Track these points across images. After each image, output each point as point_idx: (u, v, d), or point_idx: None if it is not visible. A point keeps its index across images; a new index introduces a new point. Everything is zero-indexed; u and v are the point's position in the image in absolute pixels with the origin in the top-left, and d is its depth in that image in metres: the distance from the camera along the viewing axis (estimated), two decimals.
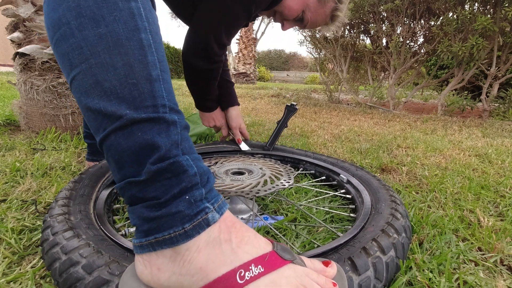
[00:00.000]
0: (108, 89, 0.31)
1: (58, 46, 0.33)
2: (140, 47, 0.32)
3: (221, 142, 1.06)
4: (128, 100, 0.31)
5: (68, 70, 0.33)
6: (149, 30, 0.33)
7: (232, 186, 0.59)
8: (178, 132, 0.33)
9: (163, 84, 0.33)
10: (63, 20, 0.31)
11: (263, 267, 0.31)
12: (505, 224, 0.62)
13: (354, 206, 0.68)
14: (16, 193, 0.70)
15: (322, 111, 2.74)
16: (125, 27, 0.31)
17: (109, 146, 0.32)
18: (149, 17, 0.34)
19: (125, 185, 0.32)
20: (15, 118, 1.44)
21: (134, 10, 0.32)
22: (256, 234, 0.35)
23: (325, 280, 0.34)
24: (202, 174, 0.33)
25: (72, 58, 0.32)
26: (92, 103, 0.31)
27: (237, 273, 0.30)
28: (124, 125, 0.31)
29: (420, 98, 4.79)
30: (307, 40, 3.94)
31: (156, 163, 0.31)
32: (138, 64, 0.32)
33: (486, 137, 1.69)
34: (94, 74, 0.31)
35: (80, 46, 0.31)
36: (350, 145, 1.36)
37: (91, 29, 0.31)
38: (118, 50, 0.31)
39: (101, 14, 0.31)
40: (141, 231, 0.32)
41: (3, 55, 8.99)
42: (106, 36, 0.31)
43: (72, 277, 0.36)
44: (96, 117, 0.32)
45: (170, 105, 0.33)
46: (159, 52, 0.34)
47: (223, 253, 0.31)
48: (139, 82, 0.31)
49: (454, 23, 2.38)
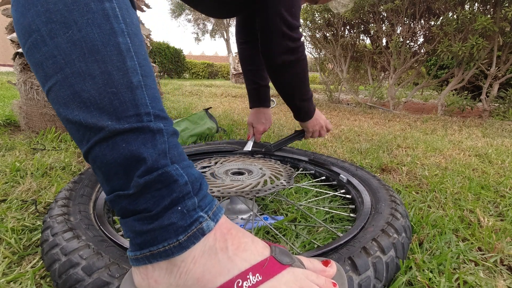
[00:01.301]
0: (87, 99, 0.29)
1: (31, 55, 0.30)
2: (118, 52, 0.30)
3: (221, 142, 1.06)
4: (109, 110, 0.29)
5: (43, 81, 0.31)
6: (127, 33, 0.31)
7: (232, 186, 0.59)
8: (165, 140, 0.31)
9: (146, 90, 0.31)
10: (32, 26, 0.29)
11: (261, 275, 0.31)
12: (505, 224, 0.62)
13: (354, 206, 0.68)
14: (16, 193, 0.70)
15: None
16: (100, 31, 0.29)
17: (95, 158, 0.30)
18: (126, 18, 0.31)
19: (114, 197, 0.31)
20: (15, 118, 1.45)
21: (109, 11, 0.30)
22: (254, 239, 0.34)
23: (324, 280, 0.34)
24: (193, 181, 0.32)
25: (46, 68, 0.30)
26: (72, 115, 0.29)
27: (235, 283, 0.29)
28: (107, 136, 0.29)
29: (420, 98, 4.79)
30: (307, 40, 3.94)
31: (143, 176, 0.29)
32: (116, 71, 0.30)
33: (486, 137, 1.69)
34: (71, 84, 0.29)
35: (54, 54, 0.29)
36: (350, 145, 1.36)
37: (63, 35, 0.28)
38: (94, 57, 0.29)
39: (73, 18, 0.28)
40: (135, 244, 0.31)
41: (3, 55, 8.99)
42: (80, 42, 0.29)
43: (71, 279, 0.36)
44: (77, 129, 0.30)
45: (155, 112, 0.31)
46: (139, 55, 0.32)
47: (219, 262, 0.31)
48: (119, 90, 0.29)
49: (454, 23, 2.38)
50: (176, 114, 2.10)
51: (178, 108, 2.40)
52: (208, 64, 15.52)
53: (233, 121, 1.91)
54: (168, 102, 2.82)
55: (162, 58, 10.31)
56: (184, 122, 1.32)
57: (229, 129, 1.60)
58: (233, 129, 1.62)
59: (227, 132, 1.54)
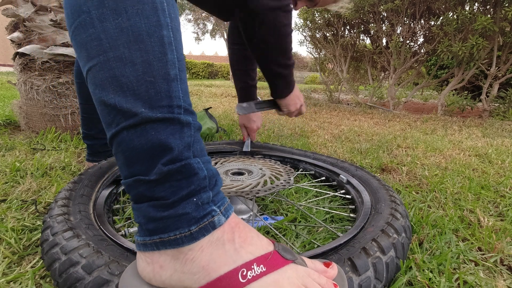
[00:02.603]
0: (125, 84, 0.30)
1: (77, 34, 0.32)
2: (161, 44, 0.31)
3: (221, 142, 1.06)
4: (144, 98, 0.30)
5: (84, 61, 0.32)
6: (171, 27, 0.32)
7: (232, 187, 0.59)
8: (192, 134, 0.33)
9: (180, 84, 0.33)
10: (83, 8, 0.30)
11: (265, 266, 0.31)
12: (505, 224, 0.62)
13: (354, 206, 0.68)
14: (16, 193, 0.70)
15: (322, 111, 2.74)
16: (147, 22, 0.30)
17: (120, 142, 0.31)
18: (171, 13, 0.32)
19: (133, 182, 0.31)
20: (15, 118, 1.45)
21: (158, 5, 0.31)
22: (259, 235, 0.35)
23: (326, 280, 0.34)
24: (211, 177, 0.33)
25: (90, 48, 0.31)
26: (107, 97, 0.31)
27: (239, 272, 0.30)
28: (138, 123, 0.30)
29: (420, 98, 4.79)
30: (307, 40, 3.94)
31: (167, 164, 0.30)
32: (157, 62, 0.31)
33: (486, 137, 1.69)
34: (112, 68, 0.30)
35: (100, 37, 0.30)
36: (350, 145, 1.36)
37: (112, 21, 0.30)
38: (138, 46, 0.30)
39: (124, 7, 0.30)
40: (146, 229, 0.32)
41: (3, 55, 9.00)
42: (128, 30, 0.30)
43: (72, 277, 0.36)
44: (109, 111, 0.31)
45: (185, 106, 0.33)
46: (178, 50, 0.33)
47: (226, 252, 0.31)
48: (157, 80, 0.31)
49: (454, 23, 2.38)
50: None
51: None
52: (208, 64, 15.52)
53: (233, 121, 1.91)
54: None
55: None
56: None
57: (229, 129, 1.60)
58: (233, 129, 1.62)
59: (227, 132, 1.54)
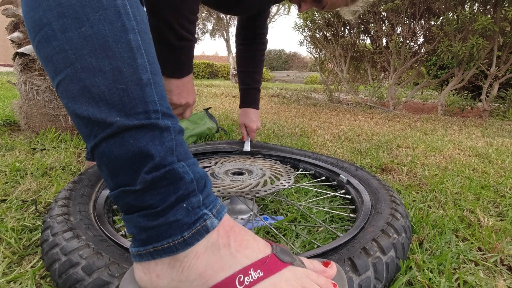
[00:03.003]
0: (97, 95, 0.29)
1: (41, 49, 0.30)
2: (129, 49, 0.30)
3: (221, 142, 1.06)
4: (118, 106, 0.29)
5: (53, 75, 0.31)
6: (138, 30, 0.31)
7: (232, 187, 0.59)
8: (172, 138, 0.32)
9: (155, 88, 0.32)
10: (44, 20, 0.29)
11: (262, 271, 0.31)
12: (505, 224, 0.62)
13: (354, 206, 0.68)
14: (16, 193, 0.70)
15: (322, 111, 2.74)
16: (112, 28, 0.29)
17: (101, 154, 0.30)
18: (136, 15, 0.31)
19: (119, 193, 0.31)
20: (15, 118, 1.44)
21: (121, 8, 0.30)
22: (255, 237, 0.35)
23: (325, 280, 0.34)
24: (199, 179, 0.33)
25: (56, 62, 0.30)
26: (80, 109, 0.30)
27: (236, 278, 0.30)
28: (115, 132, 0.29)
29: (420, 98, 4.79)
30: (307, 40, 3.94)
31: (151, 172, 0.30)
32: (127, 68, 0.30)
33: (486, 137, 1.69)
34: (81, 79, 0.29)
35: (64, 49, 0.29)
36: (350, 145, 1.36)
37: (74, 30, 0.29)
38: (105, 53, 0.29)
39: (85, 14, 0.29)
40: (139, 240, 0.31)
41: (3, 55, 8.99)
42: (92, 38, 0.29)
43: (71, 278, 0.36)
44: (85, 124, 0.30)
45: (163, 110, 0.32)
46: (149, 53, 0.32)
47: (222, 258, 0.31)
48: (129, 87, 0.30)
49: (454, 23, 2.38)
50: None
51: None
52: (208, 64, 15.50)
53: (233, 121, 1.91)
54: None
55: None
56: (184, 122, 1.32)
57: (229, 129, 1.60)
58: (233, 129, 1.62)
59: (227, 132, 1.54)
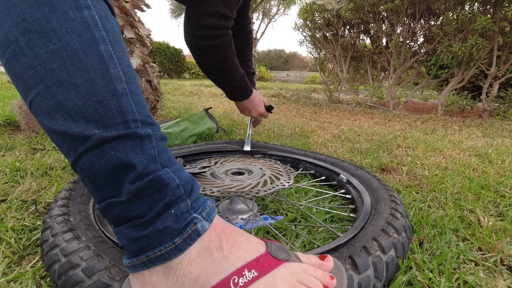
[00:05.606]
0: (72, 109, 0.28)
1: (10, 66, 0.29)
2: (101, 60, 0.29)
3: (221, 142, 1.06)
4: (95, 119, 0.29)
5: (25, 93, 0.30)
6: (108, 40, 0.30)
7: (232, 186, 0.59)
8: (154, 145, 0.31)
9: (131, 97, 0.31)
10: (10, 37, 0.28)
11: (256, 270, 0.31)
12: (505, 224, 0.62)
13: (354, 206, 0.68)
14: (16, 193, 0.70)
15: (322, 111, 2.74)
16: (81, 40, 0.29)
17: (83, 168, 0.30)
18: (106, 25, 0.31)
19: (105, 206, 0.30)
20: (15, 118, 1.44)
21: (88, 19, 0.29)
22: (248, 237, 0.34)
23: (322, 273, 0.34)
24: (185, 184, 0.32)
25: (26, 79, 0.29)
26: (57, 125, 0.29)
27: (231, 280, 0.30)
28: (94, 145, 0.29)
29: (420, 98, 4.79)
30: (307, 40, 3.94)
31: (134, 182, 0.29)
32: (100, 79, 0.29)
33: (486, 137, 1.69)
34: (54, 94, 0.28)
35: (33, 65, 0.28)
36: (350, 145, 1.36)
37: (42, 44, 0.28)
38: (76, 66, 0.28)
39: (51, 27, 0.28)
40: (131, 251, 0.31)
41: None
42: (60, 52, 0.28)
43: (71, 280, 0.36)
44: (63, 139, 0.29)
45: (142, 118, 0.31)
46: (122, 62, 0.31)
47: (215, 261, 0.31)
48: (104, 98, 0.29)
49: (454, 23, 2.38)
50: (176, 114, 2.10)
51: (178, 108, 2.40)
52: None
53: (233, 121, 1.91)
54: (168, 102, 2.82)
55: (162, 58, 10.29)
56: (184, 122, 1.32)
57: (229, 129, 1.60)
58: (233, 129, 1.62)
59: (227, 132, 1.54)
